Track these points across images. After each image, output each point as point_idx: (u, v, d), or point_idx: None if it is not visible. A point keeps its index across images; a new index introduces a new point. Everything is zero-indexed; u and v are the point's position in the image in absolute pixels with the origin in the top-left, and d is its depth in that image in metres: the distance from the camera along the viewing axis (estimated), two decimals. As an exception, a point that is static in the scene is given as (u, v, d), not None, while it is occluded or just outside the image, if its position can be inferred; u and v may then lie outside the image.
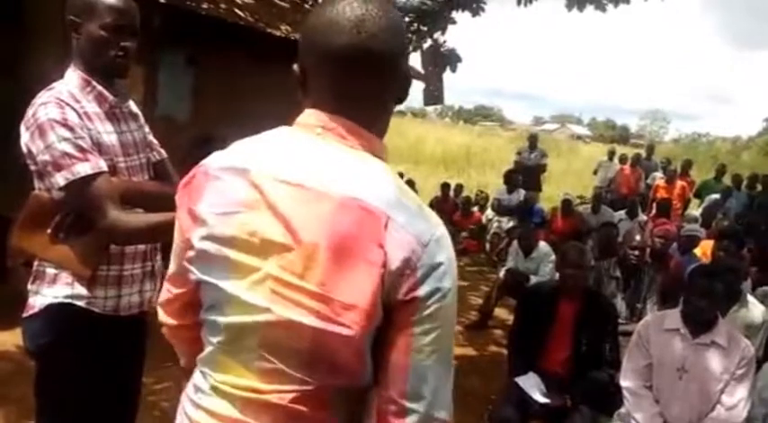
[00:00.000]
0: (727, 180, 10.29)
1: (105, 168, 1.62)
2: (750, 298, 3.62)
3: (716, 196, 9.30)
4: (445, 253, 0.90)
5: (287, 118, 1.07)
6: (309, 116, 0.97)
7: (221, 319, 0.96)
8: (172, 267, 1.08)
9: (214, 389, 0.98)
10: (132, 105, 1.85)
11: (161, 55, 5.61)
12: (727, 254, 4.38)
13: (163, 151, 1.96)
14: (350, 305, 0.87)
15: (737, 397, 2.67)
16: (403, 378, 0.90)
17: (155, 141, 1.95)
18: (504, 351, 3.92)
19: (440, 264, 0.89)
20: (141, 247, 1.78)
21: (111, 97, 1.72)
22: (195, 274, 0.98)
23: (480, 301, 5.73)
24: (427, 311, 0.88)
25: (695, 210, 9.38)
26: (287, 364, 0.92)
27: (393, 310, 0.88)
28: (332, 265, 0.87)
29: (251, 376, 0.94)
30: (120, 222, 1.60)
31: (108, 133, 1.70)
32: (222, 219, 0.93)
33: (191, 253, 0.98)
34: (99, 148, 1.65)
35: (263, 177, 0.92)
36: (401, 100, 1.04)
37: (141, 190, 1.79)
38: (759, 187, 9.49)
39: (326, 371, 0.91)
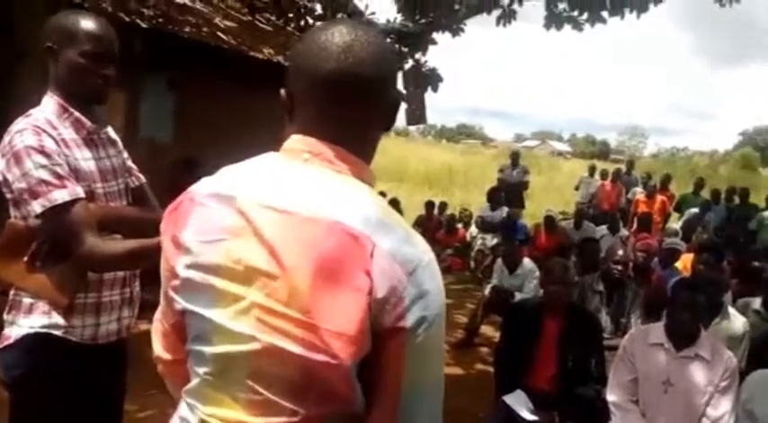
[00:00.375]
0: (705, 193, 10.44)
1: (82, 195, 1.61)
2: (731, 310, 3.66)
3: (695, 210, 9.42)
4: (432, 280, 0.89)
5: (271, 142, 1.06)
6: (296, 142, 0.96)
7: (208, 350, 0.94)
8: (163, 297, 1.04)
9: (200, 422, 0.95)
10: (111, 131, 1.85)
11: (143, 79, 5.60)
12: (707, 267, 4.44)
13: (141, 176, 1.95)
14: (337, 333, 0.85)
15: (722, 410, 2.68)
16: (394, 405, 0.89)
17: (134, 167, 1.94)
18: (491, 368, 3.91)
19: (426, 292, 0.88)
20: (120, 273, 1.76)
21: (88, 123, 1.71)
22: (180, 303, 0.96)
23: (466, 319, 5.72)
24: (416, 340, 0.87)
25: (675, 223, 9.48)
26: (276, 395, 0.89)
27: (381, 337, 0.87)
28: (317, 293, 0.85)
29: (239, 409, 0.91)
30: (97, 249, 1.59)
31: (86, 160, 1.69)
32: (208, 246, 0.92)
33: (175, 282, 0.96)
34: (76, 174, 1.63)
35: (248, 204, 0.91)
36: (388, 127, 1.03)
37: (119, 215, 1.77)
38: (737, 200, 9.65)
39: (316, 399, 0.89)
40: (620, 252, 4.43)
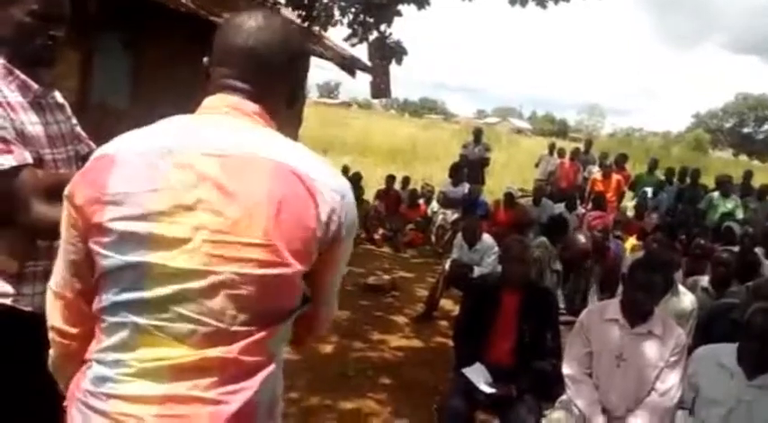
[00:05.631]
0: (659, 174, 10.69)
1: (30, 160, 1.53)
2: (681, 287, 3.79)
3: (649, 189, 9.66)
4: (352, 202, 1.12)
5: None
6: (215, 100, 1.11)
7: (145, 295, 0.98)
8: (69, 265, 1.06)
9: (133, 372, 0.97)
10: (58, 96, 1.76)
11: (97, 38, 5.35)
12: (660, 245, 4.57)
13: (92, 144, 1.87)
14: (293, 251, 1.01)
15: (670, 383, 2.78)
16: (324, 291, 1.17)
17: (83, 134, 1.86)
18: (450, 342, 3.96)
19: (351, 208, 1.10)
20: None
21: (35, 87, 1.62)
22: (113, 257, 0.99)
23: (426, 292, 5.77)
24: (346, 245, 1.12)
25: (630, 202, 9.71)
26: (227, 321, 0.98)
27: (326, 247, 1.07)
28: (273, 220, 0.99)
29: (182, 346, 0.97)
30: (44, 217, 1.51)
31: (33, 124, 1.60)
32: (144, 197, 0.98)
33: (103, 238, 0.99)
34: (23, 139, 1.55)
35: (188, 154, 1.00)
36: (289, 105, 1.20)
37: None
38: (688, 181, 9.93)
39: (266, 310, 1.02)
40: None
